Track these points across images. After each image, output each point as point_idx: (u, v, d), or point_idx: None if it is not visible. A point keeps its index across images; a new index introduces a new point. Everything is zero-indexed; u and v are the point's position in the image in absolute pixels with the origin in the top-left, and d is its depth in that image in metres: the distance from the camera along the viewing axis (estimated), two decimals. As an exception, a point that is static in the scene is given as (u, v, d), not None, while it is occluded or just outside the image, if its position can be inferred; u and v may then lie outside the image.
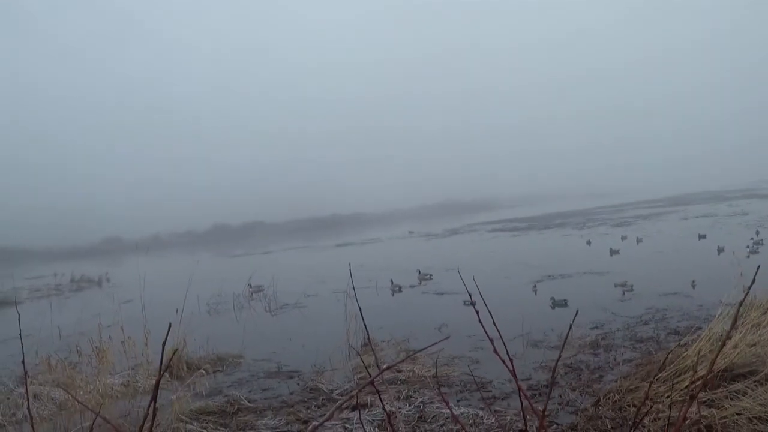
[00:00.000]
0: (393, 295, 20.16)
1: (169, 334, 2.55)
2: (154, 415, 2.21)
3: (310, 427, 8.34)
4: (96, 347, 11.04)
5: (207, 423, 8.81)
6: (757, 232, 26.26)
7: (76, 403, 8.94)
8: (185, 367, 11.89)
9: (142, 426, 2.26)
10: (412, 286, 21.26)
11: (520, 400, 2.30)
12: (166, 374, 11.45)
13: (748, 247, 21.67)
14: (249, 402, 9.77)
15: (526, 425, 2.70)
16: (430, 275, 22.44)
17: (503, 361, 2.21)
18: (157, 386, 2.28)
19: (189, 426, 8.57)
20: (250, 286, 22.78)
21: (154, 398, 2.22)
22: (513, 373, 2.16)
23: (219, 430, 8.59)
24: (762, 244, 22.70)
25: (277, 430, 8.47)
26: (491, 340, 2.30)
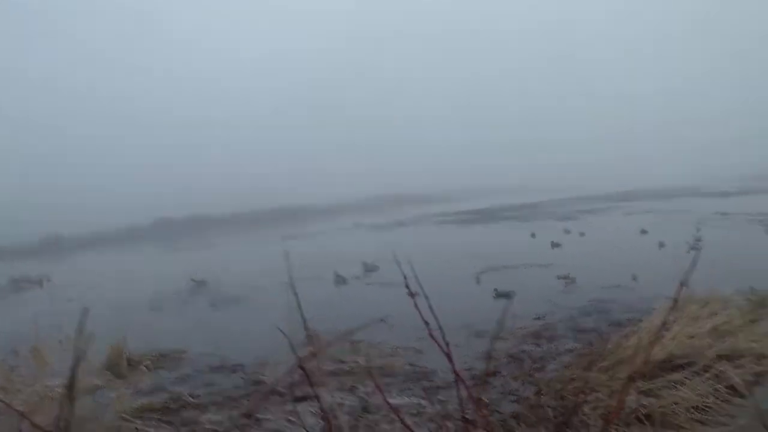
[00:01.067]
0: (337, 286, 20.10)
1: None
2: (73, 402, 2.11)
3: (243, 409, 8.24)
4: (34, 348, 10.76)
5: (150, 420, 8.61)
6: (698, 229, 26.77)
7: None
8: (126, 364, 11.61)
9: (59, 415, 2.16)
10: (356, 278, 21.21)
11: (457, 387, 2.26)
12: (108, 372, 11.20)
13: (688, 243, 22.09)
14: (192, 398, 9.60)
15: (463, 411, 2.65)
16: (376, 266, 22.38)
17: (439, 345, 2.17)
18: (73, 373, 2.18)
19: (132, 424, 8.37)
20: (194, 281, 22.50)
21: (71, 386, 2.12)
22: (449, 357, 2.12)
23: (163, 427, 8.40)
24: (702, 240, 23.14)
25: (221, 425, 8.34)
26: (426, 324, 2.25)
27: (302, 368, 2.28)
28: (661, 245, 22.26)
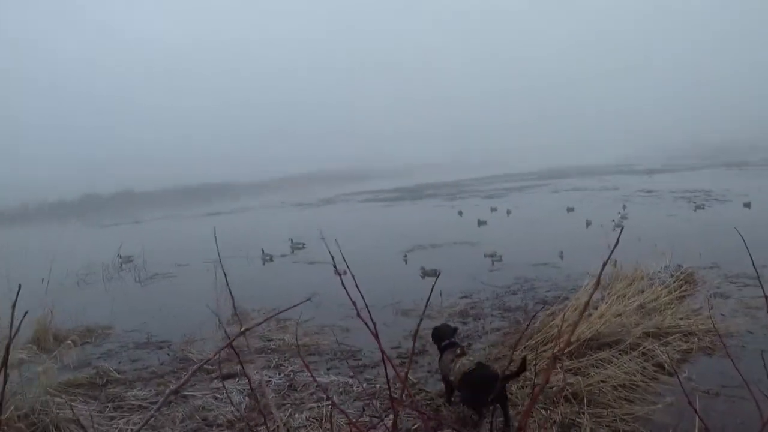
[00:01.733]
0: (264, 264, 19.90)
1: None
2: (5, 382, 1.92)
3: (167, 390, 8.01)
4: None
5: (76, 395, 8.43)
6: (624, 207, 27.23)
7: None
8: (52, 339, 11.36)
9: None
10: (283, 256, 21.01)
11: (384, 365, 2.14)
12: (33, 347, 10.86)
13: (614, 220, 22.36)
14: (118, 373, 9.44)
15: (390, 390, 2.53)
16: (303, 244, 22.20)
17: (366, 325, 2.04)
18: (7, 351, 2.02)
19: (57, 399, 8.08)
20: (120, 257, 22.07)
21: (4, 363, 1.97)
22: (376, 336, 1.98)
23: (88, 402, 8.19)
24: (627, 218, 23.50)
25: (147, 401, 8.15)
26: (354, 303, 2.12)
27: (230, 346, 2.12)
28: (588, 223, 22.46)
